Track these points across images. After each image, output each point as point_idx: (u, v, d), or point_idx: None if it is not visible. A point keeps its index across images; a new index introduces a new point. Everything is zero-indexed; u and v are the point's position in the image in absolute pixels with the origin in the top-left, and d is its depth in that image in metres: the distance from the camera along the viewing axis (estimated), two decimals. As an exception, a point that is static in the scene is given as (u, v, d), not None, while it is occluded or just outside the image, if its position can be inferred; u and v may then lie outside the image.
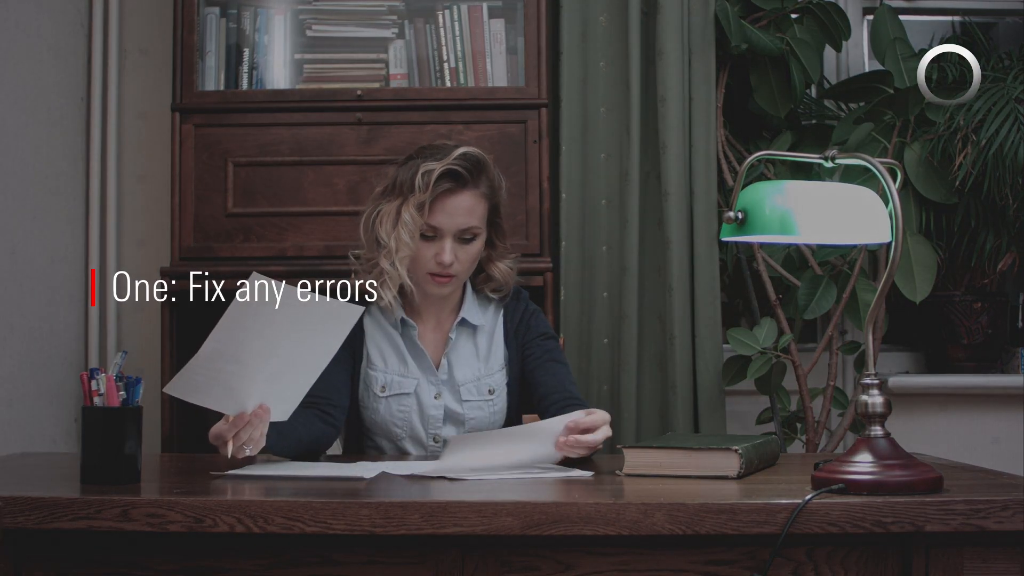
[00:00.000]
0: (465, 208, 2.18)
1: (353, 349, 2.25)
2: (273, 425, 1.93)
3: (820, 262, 2.92)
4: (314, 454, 2.12)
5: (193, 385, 1.82)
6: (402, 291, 2.23)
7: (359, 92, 2.81)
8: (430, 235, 2.18)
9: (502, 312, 2.32)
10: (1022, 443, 3.08)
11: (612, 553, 1.60)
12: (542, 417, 2.24)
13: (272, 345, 1.84)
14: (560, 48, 3.00)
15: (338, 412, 2.20)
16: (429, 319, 2.28)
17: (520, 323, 2.31)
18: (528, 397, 2.31)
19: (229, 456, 1.86)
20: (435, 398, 2.24)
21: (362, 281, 2.25)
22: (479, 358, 2.28)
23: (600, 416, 1.97)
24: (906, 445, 1.78)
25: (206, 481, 1.81)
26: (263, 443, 1.90)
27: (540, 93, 2.81)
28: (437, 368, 2.26)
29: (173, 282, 2.76)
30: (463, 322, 2.28)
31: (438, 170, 2.15)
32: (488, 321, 2.31)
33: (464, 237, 2.19)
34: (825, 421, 2.91)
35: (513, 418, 2.30)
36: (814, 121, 3.18)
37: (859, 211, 1.71)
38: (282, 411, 1.95)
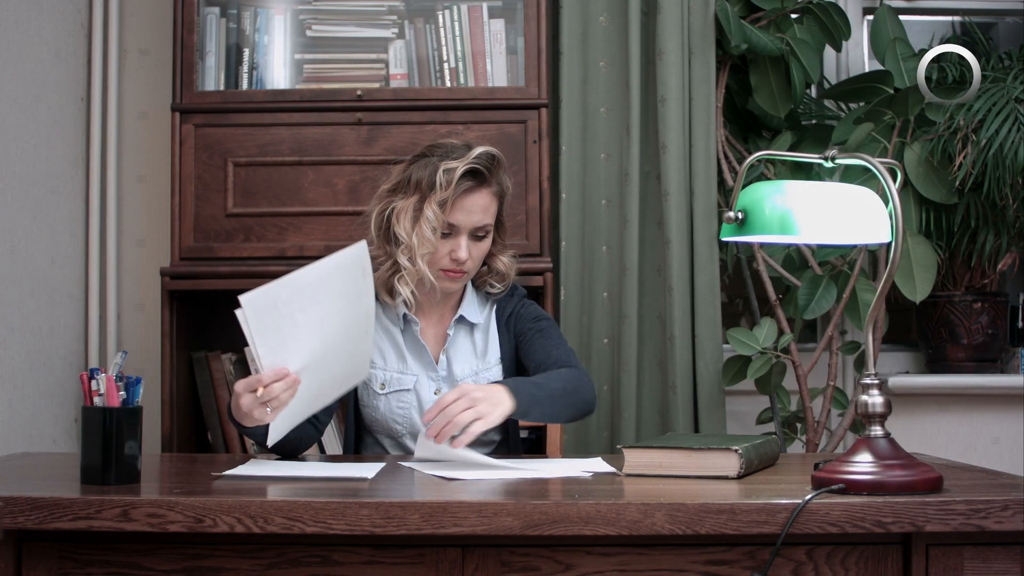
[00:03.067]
0: (482, 206, 2.21)
1: None
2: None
3: (820, 262, 2.92)
4: (292, 453, 2.12)
5: (269, 312, 1.77)
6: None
7: (359, 92, 2.81)
8: (446, 232, 2.20)
9: (495, 308, 2.33)
10: (1022, 443, 3.08)
11: (612, 553, 1.60)
12: None
13: (313, 325, 1.82)
14: (560, 48, 3.00)
15: (324, 415, 2.20)
16: (431, 315, 2.30)
17: (511, 315, 2.32)
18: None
19: (250, 408, 1.83)
20: (435, 393, 2.25)
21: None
22: (476, 354, 2.29)
23: (442, 403, 1.95)
24: (906, 445, 1.78)
25: (206, 481, 1.81)
26: (284, 407, 1.86)
27: (540, 93, 2.81)
28: (436, 363, 2.27)
29: (173, 282, 2.76)
30: (461, 319, 2.29)
31: (461, 168, 2.17)
32: (486, 318, 2.32)
33: (478, 234, 2.22)
34: (825, 421, 2.91)
35: None
36: (814, 121, 3.18)
37: (859, 211, 1.71)
38: (323, 392, 1.94)
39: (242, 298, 1.74)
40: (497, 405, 1.99)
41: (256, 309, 1.75)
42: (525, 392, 2.05)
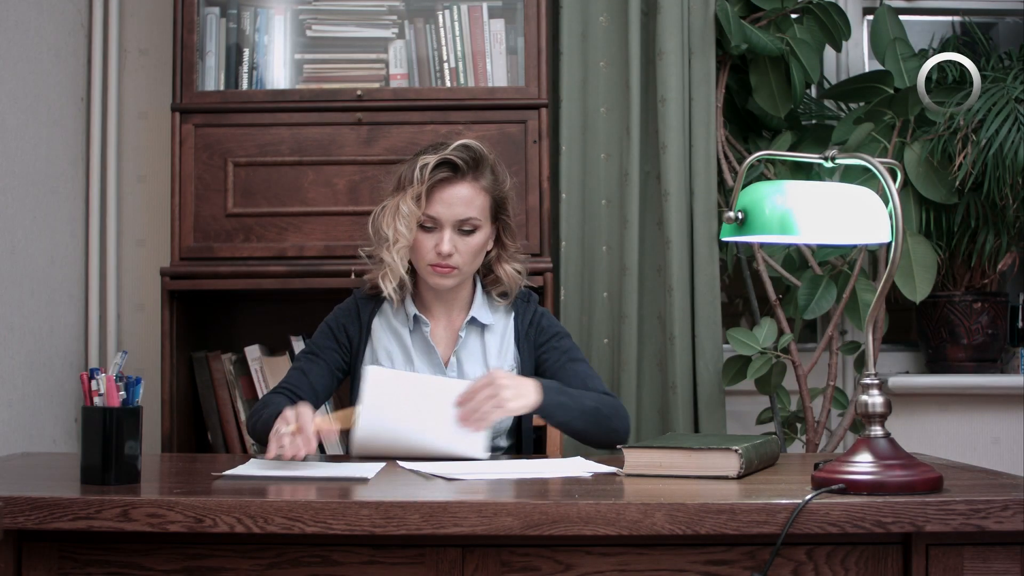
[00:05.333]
0: (462, 198, 2.21)
1: (351, 348, 2.27)
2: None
3: (820, 262, 2.92)
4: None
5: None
6: (415, 288, 2.27)
7: (359, 92, 2.81)
8: (430, 226, 2.21)
9: (513, 313, 2.33)
10: (1022, 443, 3.08)
11: (612, 553, 1.60)
12: None
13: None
14: (560, 48, 3.00)
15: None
16: (440, 316, 2.30)
17: (531, 325, 2.32)
18: None
19: (272, 438, 1.96)
20: None
21: (372, 277, 2.28)
22: (488, 357, 2.28)
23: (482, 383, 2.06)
24: (906, 445, 1.78)
25: (206, 481, 1.81)
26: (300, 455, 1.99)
27: (540, 93, 2.81)
28: (446, 366, 2.26)
29: (173, 282, 2.76)
30: (472, 320, 2.29)
31: (433, 161, 2.20)
32: (499, 321, 2.32)
33: (464, 229, 2.22)
34: (825, 421, 2.91)
35: (521, 419, 2.30)
36: (814, 121, 3.18)
37: (859, 211, 1.71)
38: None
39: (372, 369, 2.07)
40: (521, 397, 2.07)
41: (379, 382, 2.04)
42: (554, 393, 2.12)
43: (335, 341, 2.29)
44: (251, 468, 1.92)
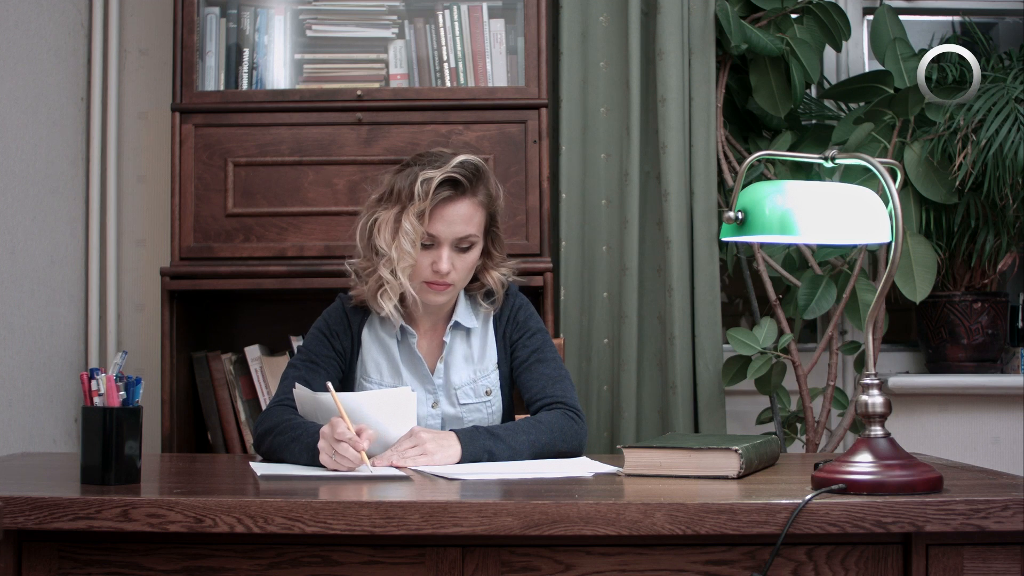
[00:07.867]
0: (463, 216, 2.17)
1: (346, 358, 2.24)
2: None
3: (820, 262, 2.92)
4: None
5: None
6: (401, 299, 2.21)
7: (359, 92, 2.81)
8: (427, 243, 2.16)
9: (492, 312, 2.31)
10: (1022, 443, 3.08)
11: (612, 553, 1.60)
12: None
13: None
14: (560, 48, 3.00)
15: None
16: (425, 326, 2.27)
17: (509, 321, 2.28)
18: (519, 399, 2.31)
19: (357, 462, 1.89)
20: (432, 407, 2.23)
21: (357, 292, 2.23)
22: (473, 360, 2.26)
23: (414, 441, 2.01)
24: (906, 445, 1.78)
25: (206, 481, 1.81)
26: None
27: (540, 93, 2.81)
28: (433, 373, 2.24)
29: (173, 282, 2.76)
30: (456, 325, 2.26)
31: (438, 178, 2.13)
32: (480, 323, 2.29)
33: (461, 246, 2.18)
34: (825, 421, 2.91)
35: (508, 417, 2.30)
36: (814, 121, 3.18)
37: (859, 211, 1.71)
38: None
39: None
40: (442, 449, 2.00)
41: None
42: (478, 446, 2.04)
43: (332, 349, 2.23)
44: (288, 468, 1.91)
